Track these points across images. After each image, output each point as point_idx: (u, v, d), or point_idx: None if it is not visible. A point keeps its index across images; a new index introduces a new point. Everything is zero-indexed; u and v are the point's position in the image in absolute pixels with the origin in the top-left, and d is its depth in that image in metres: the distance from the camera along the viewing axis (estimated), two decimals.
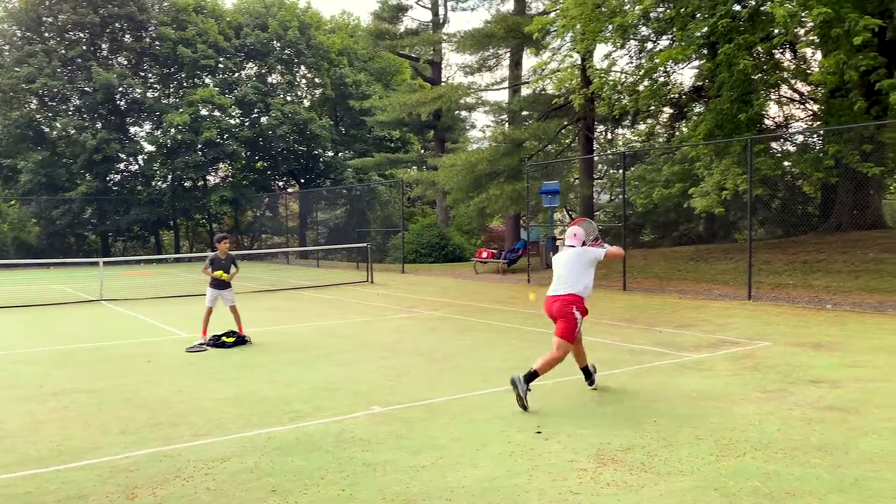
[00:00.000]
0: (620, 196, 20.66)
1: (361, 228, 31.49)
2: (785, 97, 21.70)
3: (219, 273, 9.88)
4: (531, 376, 5.90)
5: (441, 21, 32.57)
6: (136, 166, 38.75)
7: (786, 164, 19.09)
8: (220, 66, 38.76)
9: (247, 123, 39.27)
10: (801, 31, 16.71)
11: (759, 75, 16.36)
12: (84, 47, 35.64)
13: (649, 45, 19.93)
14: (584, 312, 6.31)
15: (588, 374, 6.62)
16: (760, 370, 7.26)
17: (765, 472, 4.30)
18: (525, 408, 5.76)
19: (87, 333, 11.15)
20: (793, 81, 19.83)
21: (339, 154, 42.38)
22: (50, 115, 36.10)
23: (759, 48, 15.98)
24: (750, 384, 6.64)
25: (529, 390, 5.82)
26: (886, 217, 19.35)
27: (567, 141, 26.98)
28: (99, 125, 36.21)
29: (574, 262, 6.30)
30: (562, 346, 6.10)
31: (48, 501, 4.10)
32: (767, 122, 20.67)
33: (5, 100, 34.27)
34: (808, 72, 17.89)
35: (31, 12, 34.53)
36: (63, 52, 35.09)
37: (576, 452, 4.74)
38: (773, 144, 20.27)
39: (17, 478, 4.46)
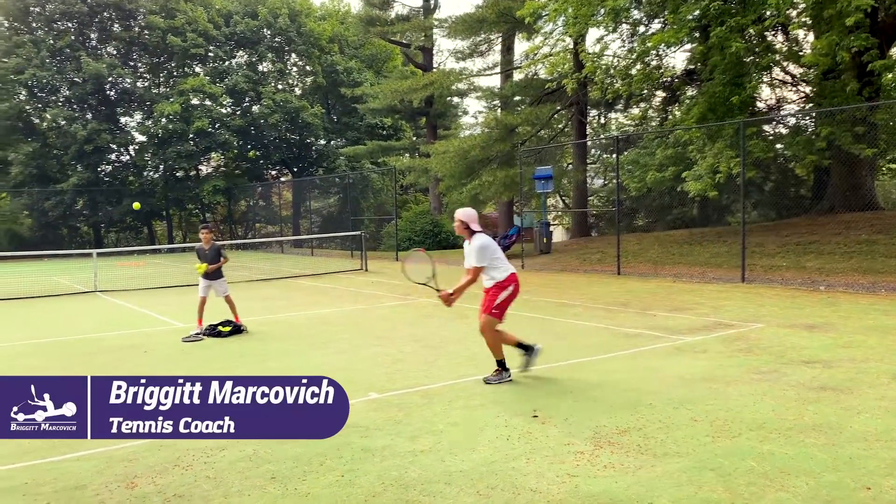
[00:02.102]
0: (614, 180, 20.62)
1: (355, 216, 31.43)
2: (777, 79, 21.68)
3: (199, 268, 9.86)
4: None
5: (432, 6, 32.38)
6: (128, 157, 38.52)
7: (778, 146, 19.12)
8: (210, 54, 38.48)
9: (238, 112, 39.04)
10: (794, 13, 16.70)
11: (752, 58, 16.34)
12: (72, 37, 35.32)
13: (641, 29, 19.91)
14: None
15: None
16: (754, 352, 7.30)
17: (760, 453, 4.33)
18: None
19: (82, 325, 11.12)
20: (785, 64, 19.83)
21: (332, 142, 42.22)
22: (40, 106, 35.80)
23: (752, 30, 15.96)
24: (744, 366, 6.68)
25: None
26: (879, 198, 19.40)
27: (560, 126, 26.96)
28: (89, 116, 35.96)
29: None
30: None
31: (45, 492, 4.11)
32: (760, 104, 20.66)
33: None
34: (801, 54, 17.88)
35: (19, 2, 34.16)
36: (51, 42, 34.77)
37: (572, 436, 4.77)
38: (766, 127, 20.30)
39: (13, 469, 4.46)
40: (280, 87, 40.81)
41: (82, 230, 38.19)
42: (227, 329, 9.54)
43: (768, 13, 14.65)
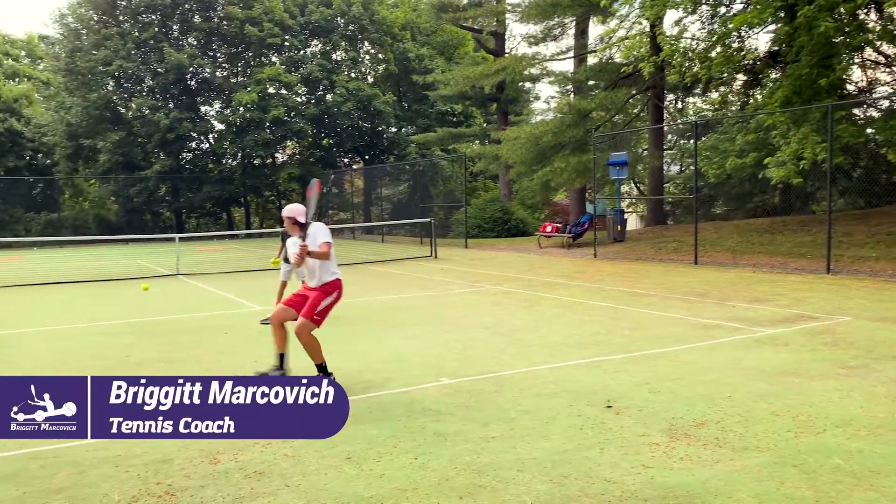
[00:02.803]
0: (691, 167, 20.04)
1: (425, 203, 31.61)
2: (869, 60, 20.57)
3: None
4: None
5: None
6: (207, 145, 39.84)
7: (869, 131, 18.18)
8: (286, 44, 39.25)
9: (312, 101, 39.77)
10: None
11: (842, 38, 15.54)
12: (156, 29, 36.65)
13: (722, 10, 19.19)
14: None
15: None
16: (840, 345, 7.00)
17: (847, 450, 4.16)
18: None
19: (166, 306, 11.61)
20: (878, 43, 18.77)
21: (403, 130, 42.52)
22: (126, 96, 37.40)
23: (842, 9, 15.15)
24: (829, 360, 6.41)
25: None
26: None
27: (635, 111, 26.34)
28: (171, 105, 37.31)
29: None
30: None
31: (136, 464, 4.32)
32: (850, 87, 19.66)
33: (84, 82, 35.67)
34: None
35: None
36: (137, 34, 36.17)
37: (647, 427, 4.69)
38: (856, 111, 19.31)
39: (107, 441, 4.69)
40: (353, 75, 41.31)
41: (165, 216, 39.78)
42: None
43: None
